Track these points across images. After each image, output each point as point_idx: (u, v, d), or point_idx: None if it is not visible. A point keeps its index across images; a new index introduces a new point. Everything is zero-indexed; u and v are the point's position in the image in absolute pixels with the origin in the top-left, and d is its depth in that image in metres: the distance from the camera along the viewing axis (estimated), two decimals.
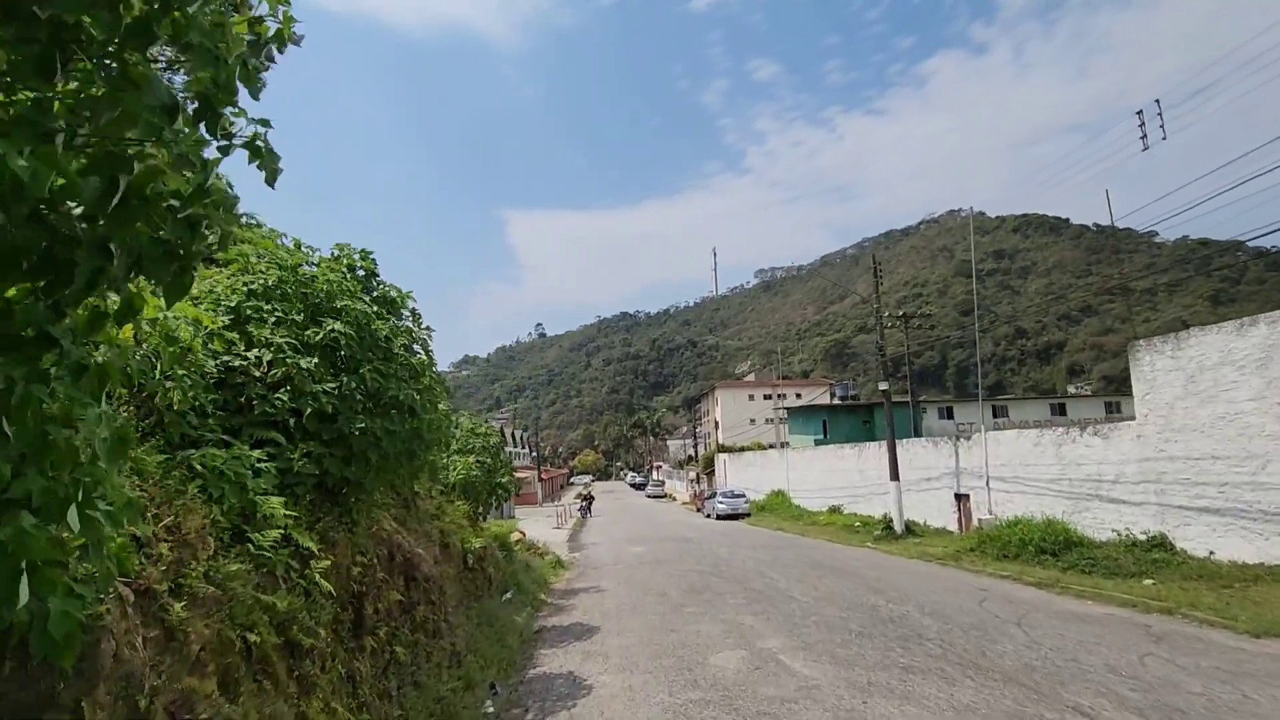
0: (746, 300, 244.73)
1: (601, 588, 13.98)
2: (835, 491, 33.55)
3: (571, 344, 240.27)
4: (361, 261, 5.60)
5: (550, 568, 16.93)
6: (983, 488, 21.89)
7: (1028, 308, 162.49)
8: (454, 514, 8.77)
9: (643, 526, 33.11)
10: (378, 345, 5.07)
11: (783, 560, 16.82)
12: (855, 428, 50.73)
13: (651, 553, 19.98)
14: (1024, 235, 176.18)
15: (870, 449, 30.71)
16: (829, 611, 10.10)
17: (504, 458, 10.36)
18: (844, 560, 16.84)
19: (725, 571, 15.02)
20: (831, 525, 28.61)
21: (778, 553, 18.85)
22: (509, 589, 11.74)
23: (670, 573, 15.28)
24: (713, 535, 25.74)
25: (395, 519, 6.99)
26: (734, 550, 19.69)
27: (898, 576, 13.79)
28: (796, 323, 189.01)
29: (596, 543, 24.78)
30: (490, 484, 9.70)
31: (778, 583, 13.10)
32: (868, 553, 19.41)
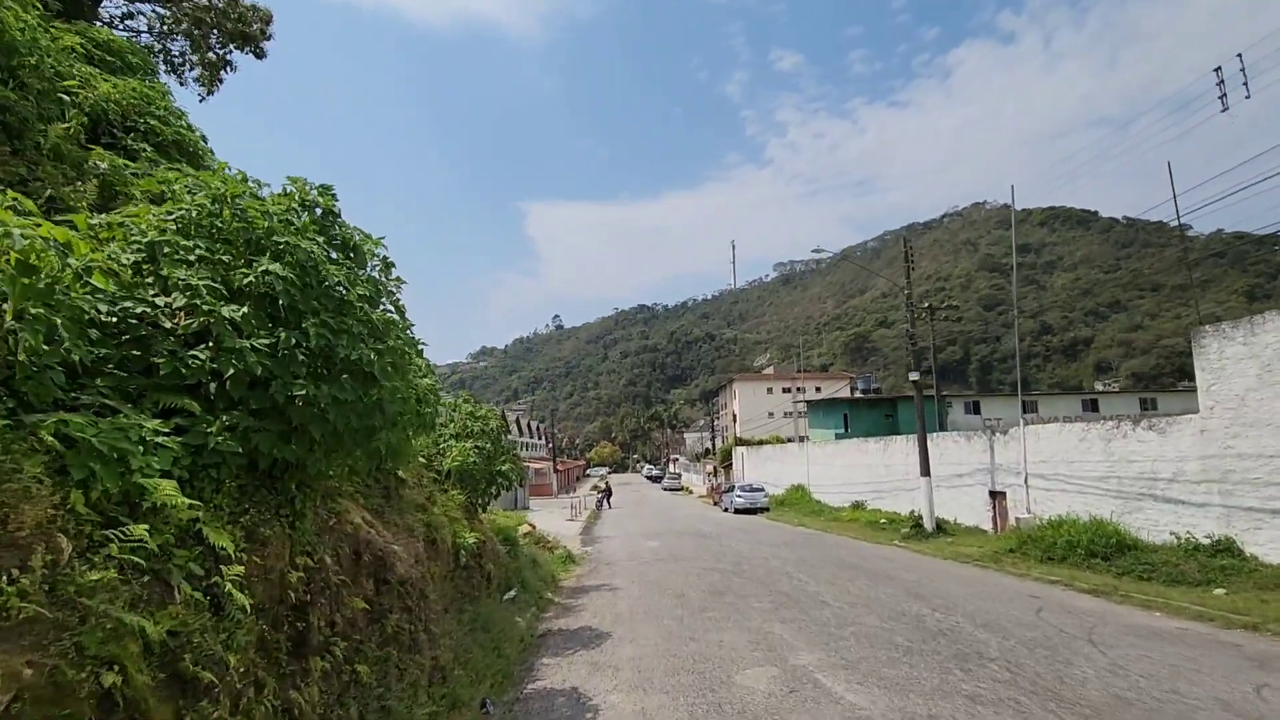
0: (765, 293, 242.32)
1: (614, 586, 12.95)
2: (859, 487, 32.27)
3: (589, 336, 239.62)
4: (320, 198, 4.54)
5: (560, 563, 15.94)
6: (1020, 485, 20.54)
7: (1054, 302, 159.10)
8: (447, 504, 7.77)
9: (658, 520, 32.08)
10: (328, 294, 4.02)
11: (809, 559, 15.67)
12: (877, 422, 49.26)
13: (668, 548, 18.92)
14: (1051, 229, 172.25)
15: (897, 443, 29.37)
16: (868, 621, 8.97)
17: (506, 443, 9.33)
18: (874, 560, 15.66)
19: (748, 571, 13.91)
20: (855, 522, 27.39)
21: (802, 551, 17.70)
22: (512, 587, 10.75)
23: (688, 571, 14.20)
24: (731, 530, 24.62)
25: (371, 510, 5.98)
26: (755, 547, 18.57)
27: (937, 580, 12.59)
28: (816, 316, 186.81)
29: (610, 536, 23.78)
30: (490, 472, 8.68)
31: (806, 585, 11.97)
32: (898, 552, 18.18)
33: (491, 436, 9.02)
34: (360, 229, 4.78)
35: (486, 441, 8.82)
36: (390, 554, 5.42)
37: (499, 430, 9.25)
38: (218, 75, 16.48)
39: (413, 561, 5.83)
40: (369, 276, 4.51)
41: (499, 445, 9.06)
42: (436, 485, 8.26)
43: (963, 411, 51.09)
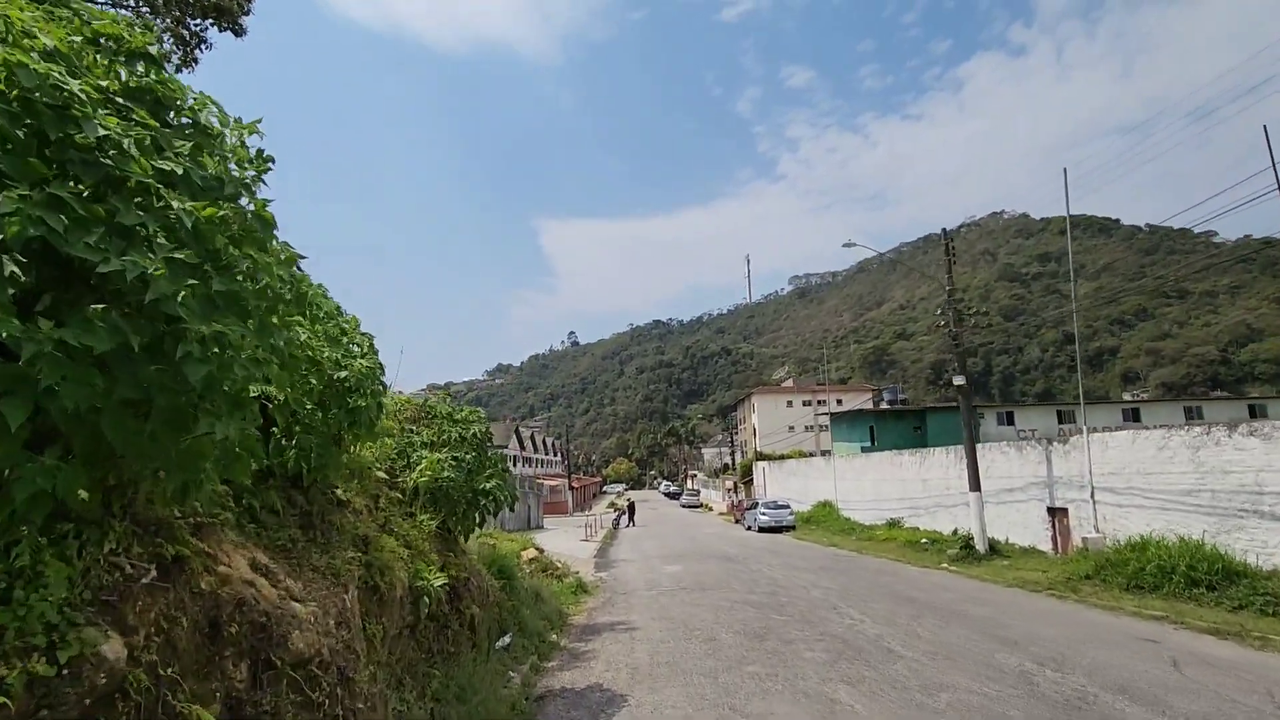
0: (781, 307, 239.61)
1: (631, 624, 10.88)
2: (892, 503, 29.90)
3: (604, 352, 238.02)
4: (124, 31, 2.66)
5: (570, 594, 13.89)
6: (1085, 500, 18.21)
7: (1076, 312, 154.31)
8: (411, 534, 5.84)
9: (678, 540, 29.88)
10: (86, 159, 2.13)
11: (854, 589, 13.49)
12: (905, 434, 46.78)
13: (691, 574, 16.79)
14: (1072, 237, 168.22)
15: (935, 455, 27.05)
16: (959, 682, 6.85)
17: (493, 455, 7.38)
18: (930, 590, 13.44)
19: (787, 604, 11.77)
20: (892, 542, 25.05)
21: (843, 577, 15.49)
22: (507, 631, 8.75)
23: (717, 604, 12.09)
24: (759, 552, 22.41)
25: (273, 549, 4.05)
26: (789, 573, 16.40)
27: (1017, 617, 10.39)
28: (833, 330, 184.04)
29: (627, 559, 21.67)
30: (471, 490, 6.74)
31: (861, 625, 9.83)
32: (953, 579, 15.91)
33: (474, 445, 7.10)
34: (211, 101, 2.88)
35: (467, 451, 6.91)
36: (283, 619, 3.48)
37: (483, 438, 7.32)
38: (192, 54, 14.98)
39: (329, 626, 3.89)
40: (188, 135, 2.59)
41: (483, 456, 7.14)
42: (400, 508, 6.36)
43: (995, 423, 48.53)
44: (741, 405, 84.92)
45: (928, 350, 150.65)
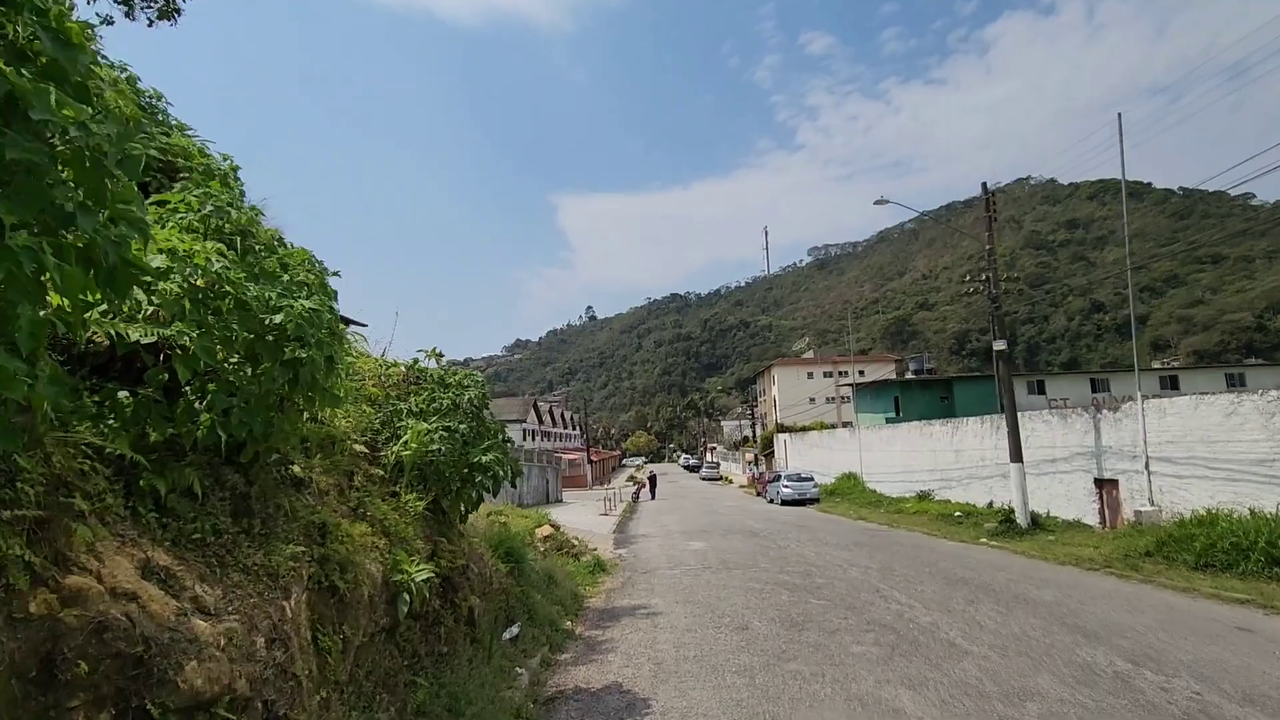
0: (800, 279, 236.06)
1: (653, 608, 9.91)
2: (922, 475, 28.68)
3: (622, 326, 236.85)
4: None
5: (587, 573, 12.97)
6: (1138, 471, 16.90)
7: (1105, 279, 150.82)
8: (390, 518, 4.84)
9: (700, 514, 28.97)
10: None
11: (895, 567, 12.39)
12: (932, 404, 45.34)
13: (715, 551, 15.82)
14: (1100, 202, 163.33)
15: (969, 425, 25.73)
16: (1044, 686, 5.76)
17: (491, 424, 6.31)
18: (978, 568, 12.31)
19: (824, 586, 10.72)
20: (923, 515, 23.91)
21: (879, 554, 14.41)
22: (515, 621, 7.81)
23: (747, 585, 11.08)
24: (785, 527, 21.39)
25: (179, 544, 3.03)
26: (821, 549, 15.35)
27: (1086, 601, 9.24)
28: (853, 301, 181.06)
29: (647, 534, 20.77)
30: (465, 463, 5.71)
31: (911, 611, 8.75)
32: (998, 555, 14.77)
33: (469, 413, 6.07)
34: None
35: (460, 420, 5.88)
36: (174, 645, 2.47)
37: (480, 404, 6.27)
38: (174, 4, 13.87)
39: (255, 647, 2.88)
40: None
41: (480, 426, 6.09)
42: (381, 487, 5.36)
43: (1025, 392, 46.84)
44: (761, 377, 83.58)
45: (951, 320, 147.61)
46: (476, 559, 7.06)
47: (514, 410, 63.89)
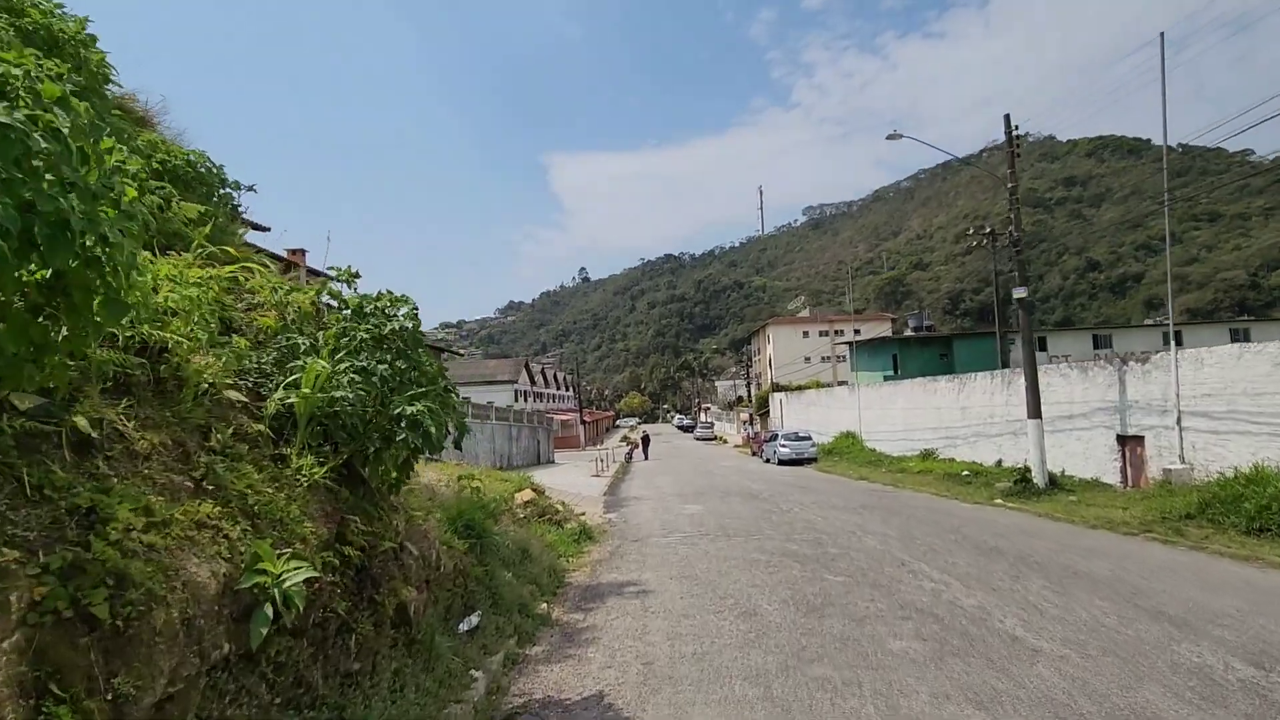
0: (794, 239, 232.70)
1: (644, 585, 8.49)
2: (924, 433, 27.41)
3: (616, 287, 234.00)
4: None
5: (571, 541, 11.55)
6: (1168, 427, 15.52)
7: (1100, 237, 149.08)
8: (262, 493, 3.31)
9: (695, 474, 27.70)
10: None
11: (914, 534, 11.00)
12: (931, 362, 44.03)
13: (713, 515, 14.43)
14: (1099, 159, 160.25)
15: (977, 381, 24.33)
16: (1155, 703, 4.32)
17: (430, 364, 4.66)
18: (1007, 534, 10.93)
19: (839, 557, 9.30)
20: (928, 474, 22.67)
21: (894, 520, 13.02)
22: (475, 608, 6.36)
23: (750, 556, 9.67)
24: (785, 488, 20.09)
25: None
26: (828, 513, 13.98)
27: (1150, 576, 7.82)
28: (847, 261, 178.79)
29: (640, 497, 19.41)
30: (387, 417, 4.12)
31: (949, 591, 7.33)
32: (1020, 517, 13.43)
33: (394, 350, 4.45)
34: None
35: (380, 359, 4.27)
36: None
37: (410, 338, 4.64)
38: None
39: None
40: None
41: (411, 366, 4.47)
42: (262, 449, 3.79)
43: None
44: (756, 337, 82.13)
45: (945, 280, 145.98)
46: (419, 538, 5.53)
47: (505, 371, 62.33)
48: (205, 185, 6.27)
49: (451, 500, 8.63)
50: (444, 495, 8.83)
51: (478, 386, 54.90)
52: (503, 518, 10.90)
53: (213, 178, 6.22)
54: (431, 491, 8.72)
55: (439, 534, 6.32)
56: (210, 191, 6.23)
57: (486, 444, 29.72)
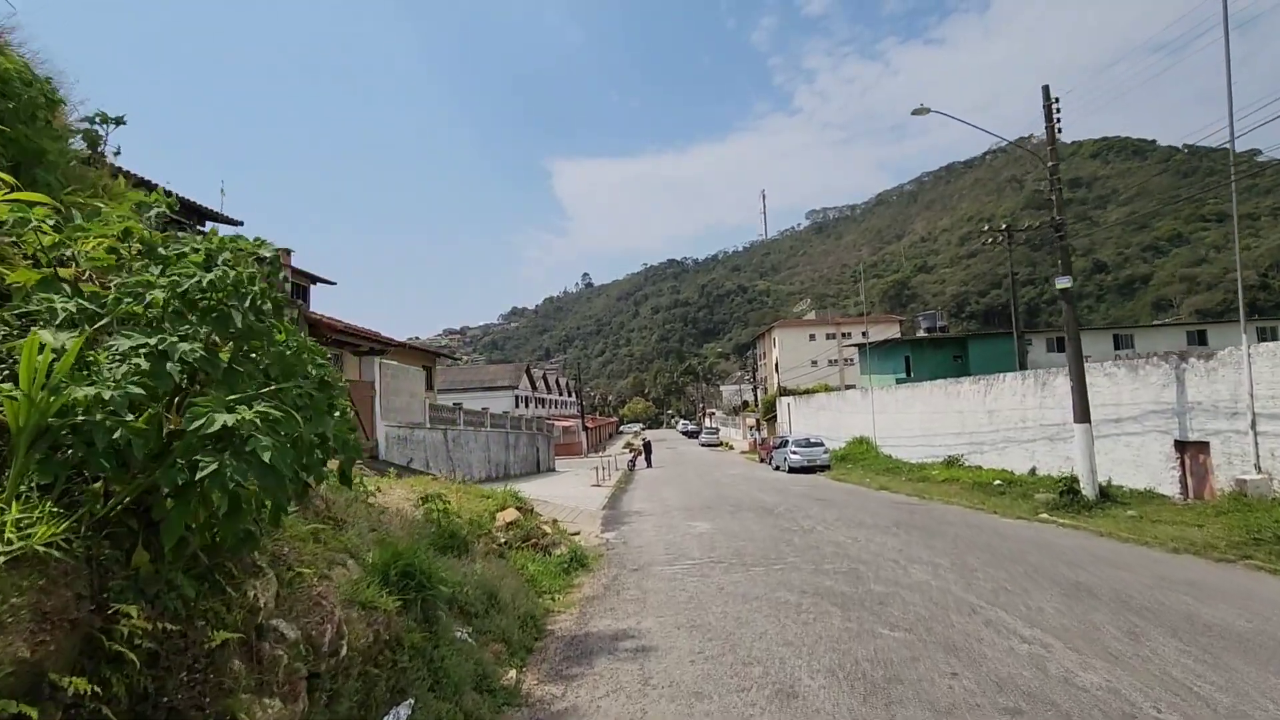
0: (797, 243, 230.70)
1: (643, 637, 6.61)
2: (946, 439, 25.47)
3: (619, 293, 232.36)
4: None
5: (559, 572, 9.67)
6: (1239, 432, 13.59)
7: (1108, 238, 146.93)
8: None
9: (701, 484, 25.78)
10: None
11: (971, 563, 9.07)
12: (944, 364, 42.08)
13: (725, 535, 12.53)
14: (1104, 160, 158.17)
15: (1006, 382, 22.40)
16: None
17: (288, 338, 2.86)
18: (1084, 562, 8.99)
19: (888, 597, 7.38)
20: (954, 483, 20.72)
21: (937, 541, 11.08)
22: (406, 696, 4.50)
23: (775, 596, 7.77)
24: (802, 500, 18.17)
25: None
26: (856, 532, 12.06)
27: None
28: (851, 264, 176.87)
29: (642, 513, 17.50)
30: (191, 434, 2.37)
31: (1056, 659, 5.40)
32: (1081, 537, 11.48)
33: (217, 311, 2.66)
34: None
35: (193, 332, 2.50)
36: None
37: (260, 296, 2.81)
38: None
39: None
40: None
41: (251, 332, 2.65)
42: None
43: (1044, 350, 43.69)
44: (762, 340, 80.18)
45: (950, 283, 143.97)
46: (304, 610, 3.68)
47: (505, 377, 60.55)
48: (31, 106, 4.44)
49: (398, 534, 6.78)
50: (390, 526, 6.98)
51: (477, 392, 53.08)
52: (476, 546, 9.04)
53: (34, 89, 4.39)
54: (376, 521, 6.89)
55: (353, 592, 4.45)
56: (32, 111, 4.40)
57: (480, 453, 27.86)
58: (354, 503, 7.04)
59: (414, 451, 20.65)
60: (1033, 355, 41.64)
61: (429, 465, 21.14)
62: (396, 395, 20.32)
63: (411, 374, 21.95)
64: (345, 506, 6.66)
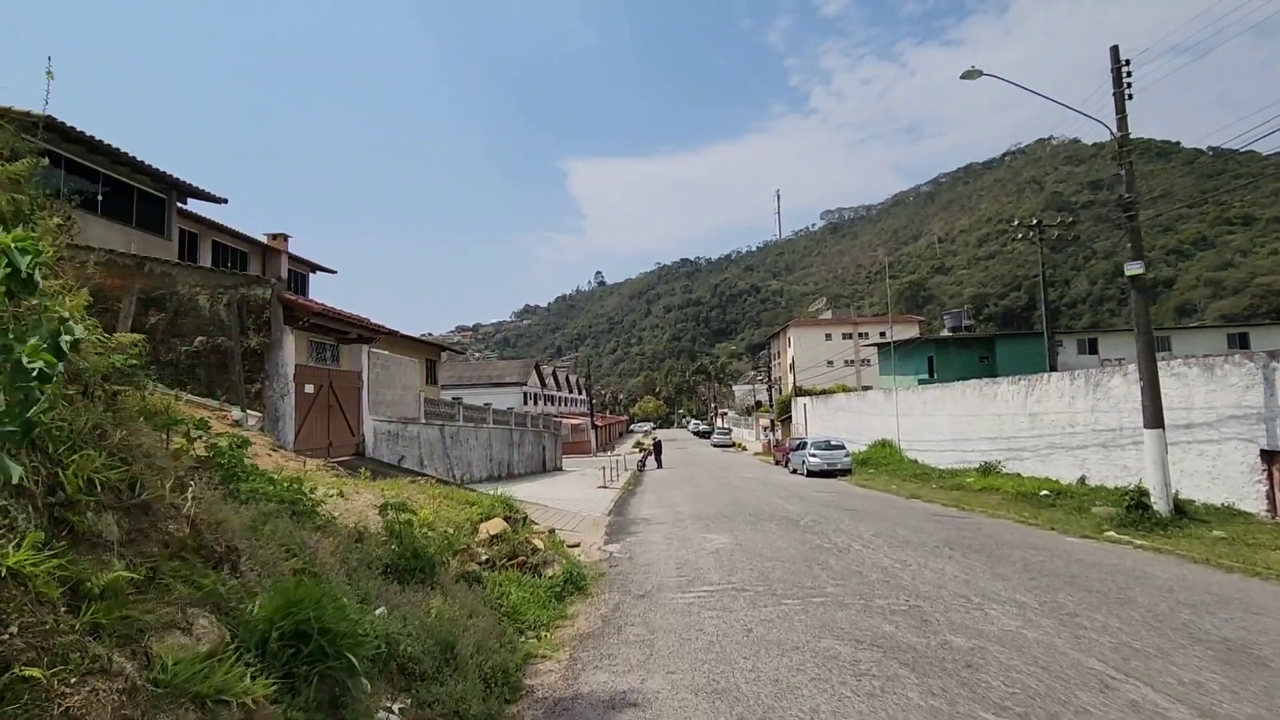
0: (812, 243, 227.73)
1: (647, 710, 4.83)
2: (980, 443, 23.48)
3: (631, 292, 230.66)
4: None
5: (549, 599, 7.90)
6: None
7: None
8: None
9: (715, 487, 23.94)
10: None
11: (1064, 603, 7.17)
12: (970, 365, 39.98)
13: (746, 553, 10.71)
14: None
15: (1051, 382, 20.39)
16: None
17: None
18: (1205, 604, 7.05)
19: (977, 659, 5.47)
20: (993, 492, 18.76)
21: (1007, 569, 9.19)
22: None
23: (823, 647, 5.93)
24: (828, 509, 16.30)
25: None
26: (901, 552, 10.20)
27: None
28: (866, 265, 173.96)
29: (651, 519, 15.71)
30: None
31: None
32: (1178, 566, 9.50)
33: None
34: None
35: None
36: None
37: None
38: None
39: None
40: None
41: None
42: None
43: (1075, 351, 41.45)
44: (776, 339, 78.08)
45: (968, 284, 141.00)
46: None
47: (514, 373, 58.96)
48: None
49: (326, 562, 5.03)
50: (318, 551, 5.22)
51: (484, 388, 51.54)
52: (447, 568, 7.28)
53: None
54: (300, 544, 5.13)
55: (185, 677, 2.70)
56: None
57: (481, 451, 26.18)
58: (273, 517, 5.30)
59: (406, 449, 18.97)
60: (1063, 357, 39.43)
61: (423, 464, 19.46)
62: (388, 387, 18.64)
63: (405, 365, 20.28)
64: (255, 524, 4.92)
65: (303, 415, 13.94)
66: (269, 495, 6.15)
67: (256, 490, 6.15)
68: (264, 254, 25.91)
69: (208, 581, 3.54)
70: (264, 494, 6.17)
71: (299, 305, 13.19)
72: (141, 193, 17.00)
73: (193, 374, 12.85)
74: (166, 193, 17.83)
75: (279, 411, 13.10)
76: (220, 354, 12.89)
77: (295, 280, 28.13)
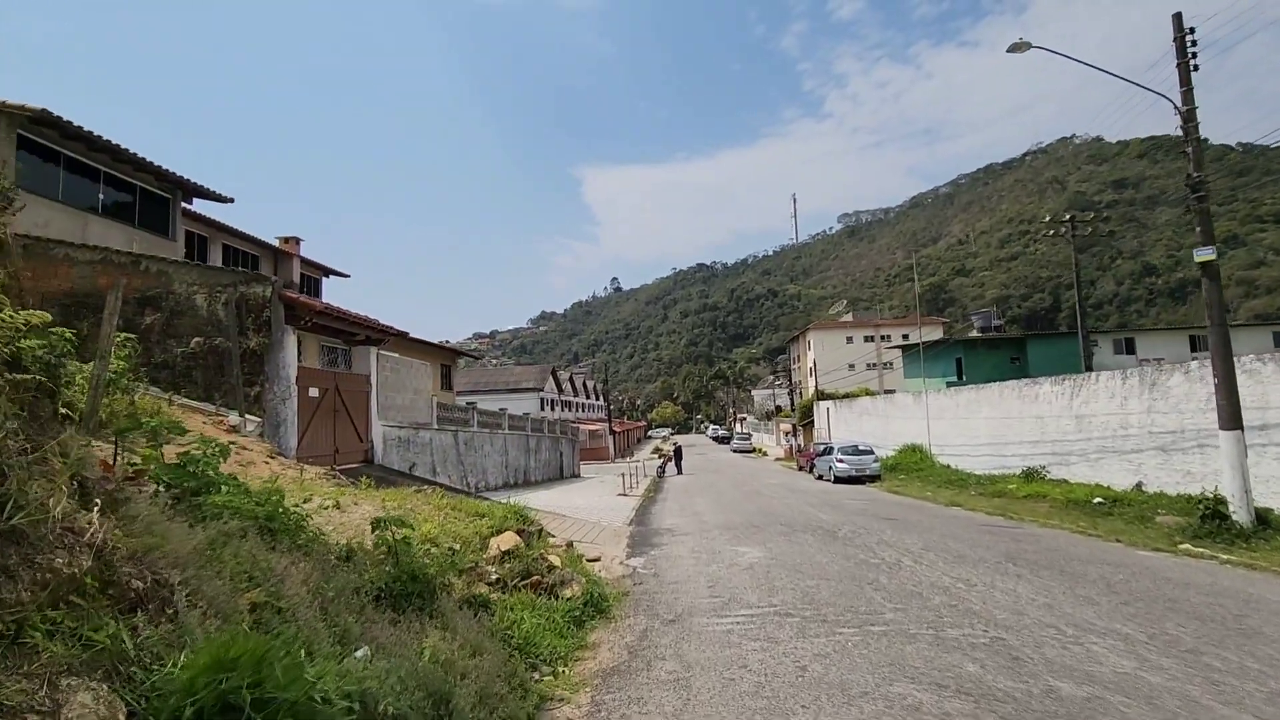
0: (829, 246, 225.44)
1: None
2: (1020, 447, 22.15)
3: (648, 297, 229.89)
4: None
5: (566, 624, 6.92)
6: None
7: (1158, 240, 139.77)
8: None
9: (740, 495, 22.83)
10: None
11: (1177, 637, 6.00)
12: (1001, 366, 38.51)
13: (784, 567, 9.64)
14: (1151, 160, 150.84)
15: (1100, 382, 19.07)
16: None
17: None
18: None
19: None
20: (1042, 500, 17.47)
21: (1089, 589, 8.02)
22: None
23: (901, 697, 4.84)
24: (865, 519, 15.16)
25: None
26: (960, 569, 9.08)
27: None
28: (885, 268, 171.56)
29: (675, 529, 14.67)
30: None
31: None
32: (1277, 585, 8.32)
33: None
34: None
35: None
36: None
37: None
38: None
39: None
40: None
41: None
42: None
43: (1111, 351, 39.74)
44: (796, 343, 76.67)
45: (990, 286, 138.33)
46: None
47: (531, 378, 58.22)
48: None
49: (294, 594, 4.09)
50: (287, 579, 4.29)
51: (500, 393, 50.83)
52: (451, 591, 6.32)
53: None
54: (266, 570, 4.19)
55: None
56: None
57: (497, 458, 25.30)
58: (235, 538, 4.37)
59: (418, 455, 18.11)
60: (1099, 357, 37.78)
61: (435, 471, 18.59)
62: (398, 392, 17.81)
63: (417, 368, 19.47)
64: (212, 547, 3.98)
65: (306, 420, 13.12)
66: (240, 510, 5.21)
67: (228, 505, 5.21)
68: (275, 257, 25.34)
69: (102, 636, 2.58)
70: (234, 508, 5.22)
71: (301, 304, 12.39)
72: (145, 192, 16.40)
73: (189, 377, 12.08)
74: (171, 192, 17.21)
75: (280, 416, 12.29)
76: (218, 355, 12.12)
77: (308, 284, 27.55)
